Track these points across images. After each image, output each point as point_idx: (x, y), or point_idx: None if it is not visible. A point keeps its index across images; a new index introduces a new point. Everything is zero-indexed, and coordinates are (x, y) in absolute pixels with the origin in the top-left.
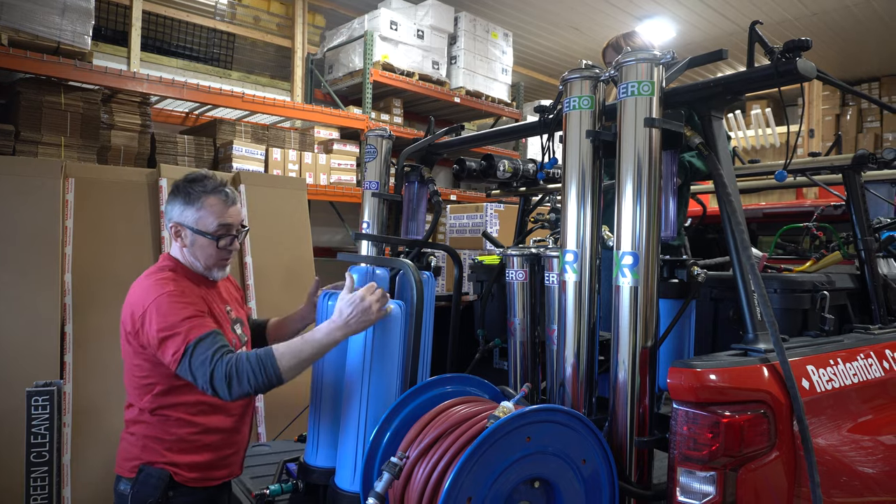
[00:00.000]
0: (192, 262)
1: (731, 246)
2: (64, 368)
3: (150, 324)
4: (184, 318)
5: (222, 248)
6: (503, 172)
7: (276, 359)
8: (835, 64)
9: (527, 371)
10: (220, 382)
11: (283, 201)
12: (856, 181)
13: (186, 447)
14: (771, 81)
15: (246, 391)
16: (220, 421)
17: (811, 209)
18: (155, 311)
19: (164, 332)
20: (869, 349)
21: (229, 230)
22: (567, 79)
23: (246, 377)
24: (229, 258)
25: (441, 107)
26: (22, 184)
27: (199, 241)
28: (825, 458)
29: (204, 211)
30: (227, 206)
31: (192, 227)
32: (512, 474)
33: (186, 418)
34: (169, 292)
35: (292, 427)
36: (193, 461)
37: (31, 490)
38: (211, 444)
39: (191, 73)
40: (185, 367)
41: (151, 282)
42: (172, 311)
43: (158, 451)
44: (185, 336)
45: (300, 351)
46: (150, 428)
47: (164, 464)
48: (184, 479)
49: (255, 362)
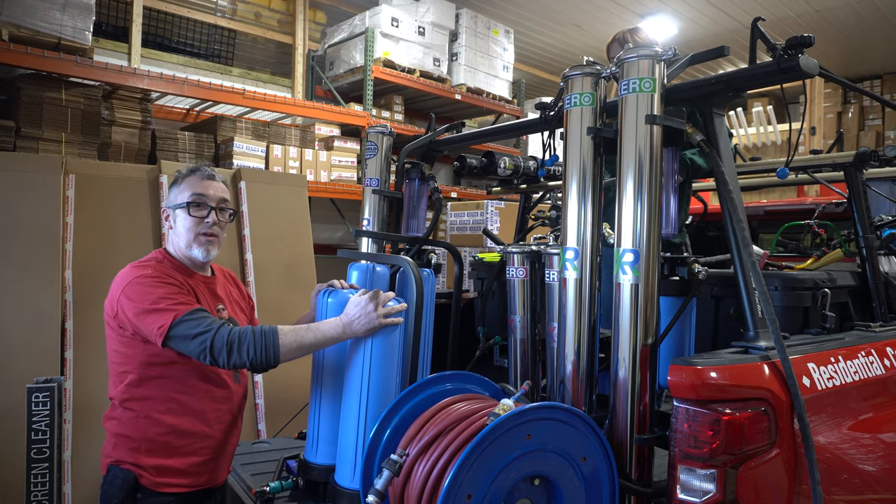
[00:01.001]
0: (178, 245)
1: (733, 243)
2: (65, 365)
3: (126, 302)
4: (167, 293)
5: (195, 217)
6: (504, 169)
7: (279, 336)
8: (837, 61)
9: (527, 368)
10: (220, 345)
11: (284, 198)
12: (857, 178)
13: (154, 448)
14: (773, 78)
15: (243, 361)
16: (192, 424)
17: (812, 207)
18: (130, 291)
19: (145, 305)
20: (870, 347)
21: (203, 200)
22: (568, 75)
23: (246, 346)
24: (211, 236)
25: (442, 104)
26: (23, 180)
27: (178, 215)
28: (825, 456)
29: (182, 186)
30: (201, 179)
31: (172, 204)
32: (512, 472)
33: (154, 416)
34: (146, 275)
35: (292, 424)
36: (160, 464)
37: (32, 486)
38: (180, 447)
39: (191, 69)
40: (177, 336)
41: (129, 268)
42: (151, 287)
43: (127, 450)
44: (173, 309)
45: (303, 336)
46: (120, 425)
47: (130, 464)
48: (149, 483)
49: (258, 334)
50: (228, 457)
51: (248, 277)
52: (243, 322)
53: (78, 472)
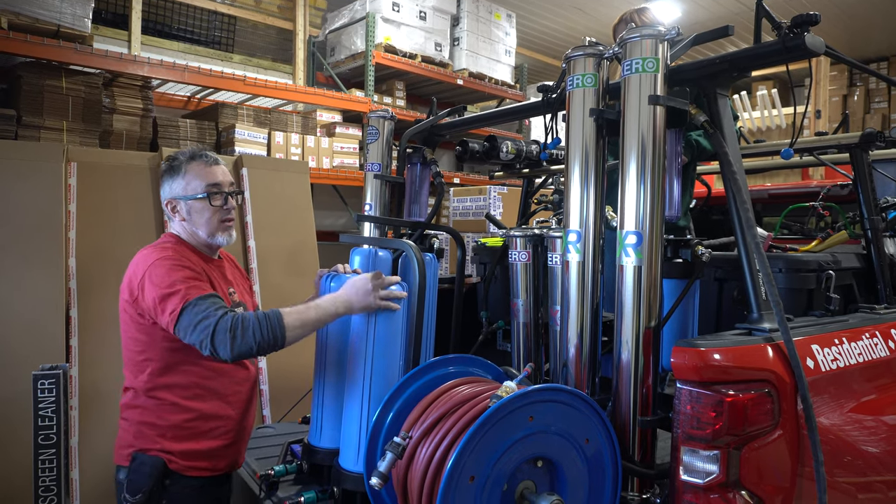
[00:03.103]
0: (194, 234)
1: (736, 225)
2: (70, 352)
3: (149, 285)
4: (184, 277)
5: (216, 206)
6: (506, 154)
7: (283, 317)
8: (842, 43)
9: (530, 352)
10: (222, 335)
11: (286, 185)
12: (863, 160)
13: (181, 434)
14: (778, 57)
15: (249, 347)
16: (217, 408)
17: (817, 190)
18: (154, 272)
19: (163, 290)
20: (874, 329)
21: (219, 188)
22: (570, 56)
23: (251, 331)
24: (230, 220)
25: (444, 89)
26: (24, 168)
27: (194, 206)
28: (828, 438)
29: (189, 176)
30: (208, 166)
31: (183, 195)
32: (515, 454)
33: (182, 403)
34: (167, 256)
35: (296, 409)
36: (189, 449)
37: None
38: (207, 432)
39: (192, 56)
40: (184, 322)
41: (150, 249)
42: (172, 271)
43: (152, 437)
44: (185, 294)
45: (305, 314)
46: (144, 413)
47: (157, 451)
48: (179, 468)
49: (261, 317)
50: (247, 439)
51: (251, 264)
52: (251, 305)
53: (85, 457)
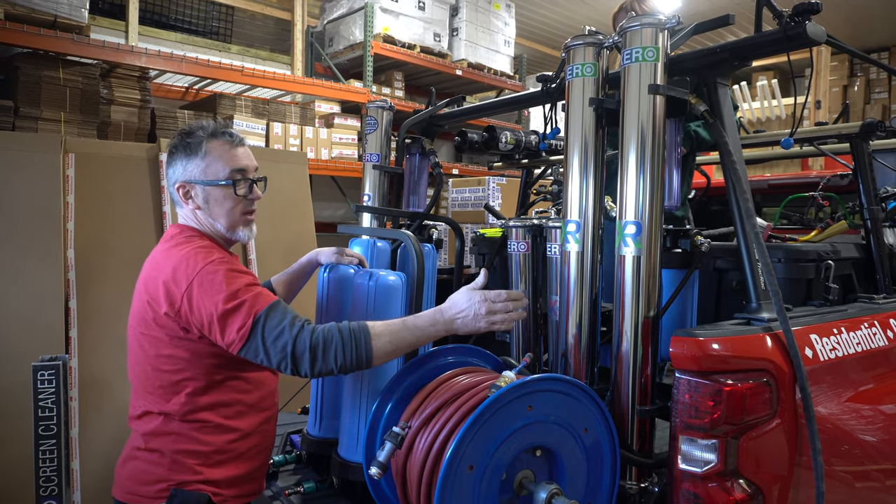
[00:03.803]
0: (211, 225)
1: (736, 214)
2: (69, 343)
3: (203, 297)
4: (245, 284)
5: (241, 196)
6: (505, 144)
7: (372, 337)
8: (844, 33)
9: (528, 343)
10: (302, 353)
11: (285, 176)
12: (863, 149)
13: (224, 458)
14: (779, 46)
15: (329, 368)
16: (256, 422)
17: (816, 180)
18: (208, 282)
19: (227, 304)
20: (873, 318)
21: (244, 174)
22: (570, 45)
23: (333, 351)
24: (252, 212)
25: (443, 80)
26: (22, 159)
27: (214, 193)
28: (826, 427)
29: (210, 157)
30: (234, 147)
31: (202, 180)
32: (514, 443)
33: (225, 423)
34: (218, 259)
35: (295, 400)
36: (233, 475)
37: (41, 462)
38: (247, 451)
39: (189, 46)
40: (255, 342)
41: (187, 251)
42: (231, 279)
43: (192, 466)
44: (251, 306)
45: (400, 335)
46: (180, 440)
47: (199, 483)
48: (223, 500)
49: (346, 335)
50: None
51: (249, 255)
52: None
53: (85, 448)
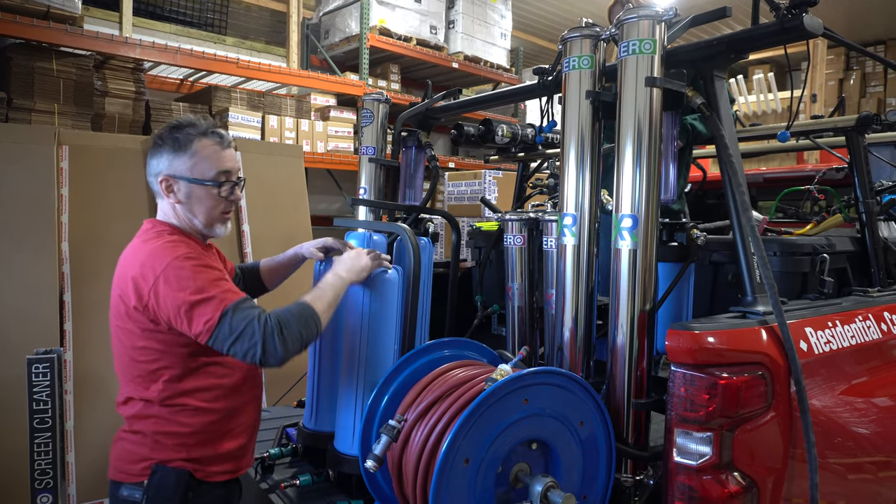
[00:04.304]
0: (189, 221)
1: (732, 208)
2: (64, 336)
3: (168, 291)
4: (212, 280)
5: (223, 197)
6: (501, 137)
7: (311, 305)
8: (840, 26)
9: (525, 336)
10: (271, 343)
11: (280, 169)
12: (859, 143)
13: (205, 438)
14: (776, 38)
15: (296, 349)
16: (237, 404)
17: (812, 174)
18: (173, 276)
19: (190, 297)
20: (867, 312)
21: (229, 176)
22: (567, 38)
23: (296, 329)
24: (231, 211)
25: (439, 72)
26: (15, 151)
27: (196, 192)
28: (820, 419)
29: (199, 156)
30: (223, 148)
31: (187, 176)
32: (509, 436)
33: (204, 406)
34: (186, 254)
35: (291, 393)
36: (212, 454)
37: (36, 455)
38: (230, 431)
39: (184, 38)
40: (222, 332)
41: (156, 246)
42: (197, 274)
43: (173, 446)
44: (221, 300)
45: (324, 297)
46: (161, 423)
47: (182, 460)
48: (205, 475)
49: (295, 313)
50: (256, 435)
51: (245, 248)
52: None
53: (81, 441)
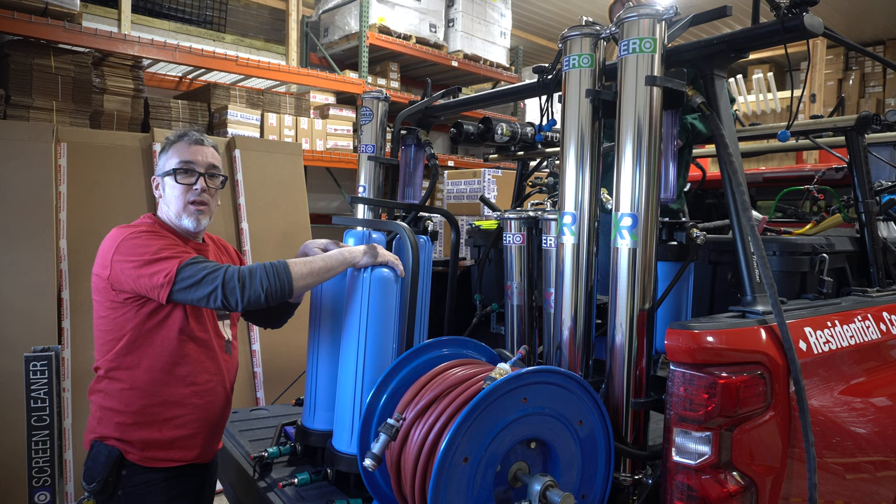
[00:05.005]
0: (167, 214)
1: (732, 207)
2: (62, 334)
3: (124, 256)
4: (167, 244)
5: (183, 184)
6: (501, 136)
7: (290, 264)
8: (840, 27)
9: (524, 335)
10: (231, 283)
11: (279, 167)
12: (859, 143)
13: (142, 421)
14: (776, 38)
15: (258, 295)
16: (181, 396)
17: (811, 174)
18: (128, 244)
19: (146, 257)
20: (866, 312)
21: (190, 167)
22: (567, 36)
23: (259, 278)
24: (200, 204)
25: (438, 71)
26: (13, 148)
27: (167, 184)
28: (819, 419)
29: (170, 153)
30: (189, 144)
31: (161, 172)
32: (508, 435)
33: (143, 387)
34: (140, 231)
35: (290, 391)
36: (148, 438)
37: (33, 453)
38: (169, 420)
39: (183, 35)
40: (184, 281)
41: (118, 229)
42: (152, 240)
43: (112, 425)
44: (178, 259)
45: (312, 263)
46: (106, 398)
47: (115, 440)
48: (136, 458)
49: (268, 266)
50: (219, 434)
51: (244, 246)
52: None
53: (78, 439)
